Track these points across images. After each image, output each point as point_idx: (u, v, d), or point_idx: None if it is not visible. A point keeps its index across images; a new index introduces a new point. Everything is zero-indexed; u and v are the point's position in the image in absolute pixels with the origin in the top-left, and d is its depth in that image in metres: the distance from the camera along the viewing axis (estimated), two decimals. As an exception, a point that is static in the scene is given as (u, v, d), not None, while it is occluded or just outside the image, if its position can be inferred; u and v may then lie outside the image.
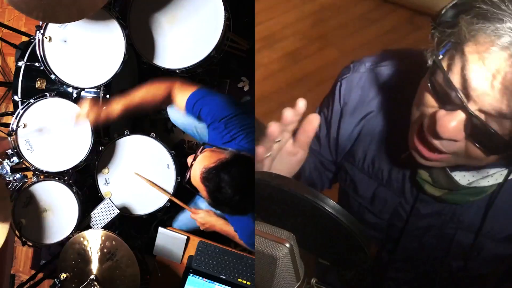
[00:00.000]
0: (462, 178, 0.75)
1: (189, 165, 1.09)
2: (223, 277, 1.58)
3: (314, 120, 0.66)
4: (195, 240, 1.64)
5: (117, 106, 1.36)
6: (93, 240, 1.56)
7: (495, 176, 0.74)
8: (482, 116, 0.58)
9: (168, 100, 1.29)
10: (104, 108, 1.40)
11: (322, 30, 2.73)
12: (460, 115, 0.59)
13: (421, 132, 0.67)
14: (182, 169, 1.73)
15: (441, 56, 0.61)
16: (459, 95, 0.58)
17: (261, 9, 2.76)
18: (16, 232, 1.60)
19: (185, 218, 1.74)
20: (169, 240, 1.64)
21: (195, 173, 1.04)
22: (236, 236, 1.40)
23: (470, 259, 0.84)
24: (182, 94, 1.25)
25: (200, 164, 1.04)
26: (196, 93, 1.23)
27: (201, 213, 1.50)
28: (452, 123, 0.60)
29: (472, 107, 0.58)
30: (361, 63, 0.91)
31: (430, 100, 0.64)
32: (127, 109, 1.36)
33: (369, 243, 0.67)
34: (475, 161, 0.66)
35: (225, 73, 2.14)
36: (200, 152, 1.07)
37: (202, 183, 1.02)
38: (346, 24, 2.72)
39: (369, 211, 0.93)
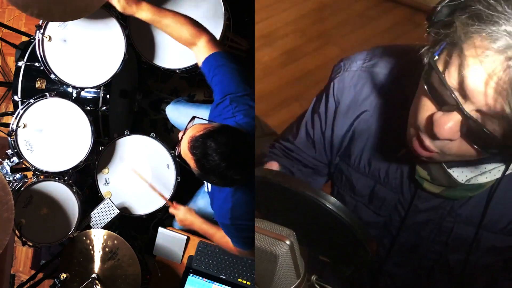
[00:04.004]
0: (460, 174, 0.76)
1: (179, 138, 1.10)
2: (223, 277, 1.58)
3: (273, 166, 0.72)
4: (195, 240, 1.64)
5: None
6: (96, 239, 1.56)
7: (493, 172, 0.74)
8: (478, 117, 0.58)
9: (189, 44, 1.26)
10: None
11: (322, 28, 2.72)
12: (456, 116, 0.60)
13: (418, 134, 0.67)
14: (182, 169, 1.73)
15: (436, 57, 0.61)
16: (453, 96, 0.58)
17: (261, 7, 2.76)
18: (16, 232, 1.60)
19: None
20: (169, 240, 1.64)
21: (184, 145, 1.05)
22: (213, 236, 1.38)
23: (468, 251, 0.84)
24: (205, 50, 1.24)
25: (188, 135, 1.05)
26: (216, 56, 1.23)
27: (181, 209, 1.45)
28: (448, 124, 0.60)
29: (469, 107, 0.58)
30: (352, 61, 0.90)
31: (427, 102, 0.64)
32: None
33: (369, 240, 0.67)
34: (468, 158, 0.66)
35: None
36: (190, 125, 1.09)
37: (190, 151, 1.03)
38: (346, 21, 2.72)
39: (367, 208, 0.93)
